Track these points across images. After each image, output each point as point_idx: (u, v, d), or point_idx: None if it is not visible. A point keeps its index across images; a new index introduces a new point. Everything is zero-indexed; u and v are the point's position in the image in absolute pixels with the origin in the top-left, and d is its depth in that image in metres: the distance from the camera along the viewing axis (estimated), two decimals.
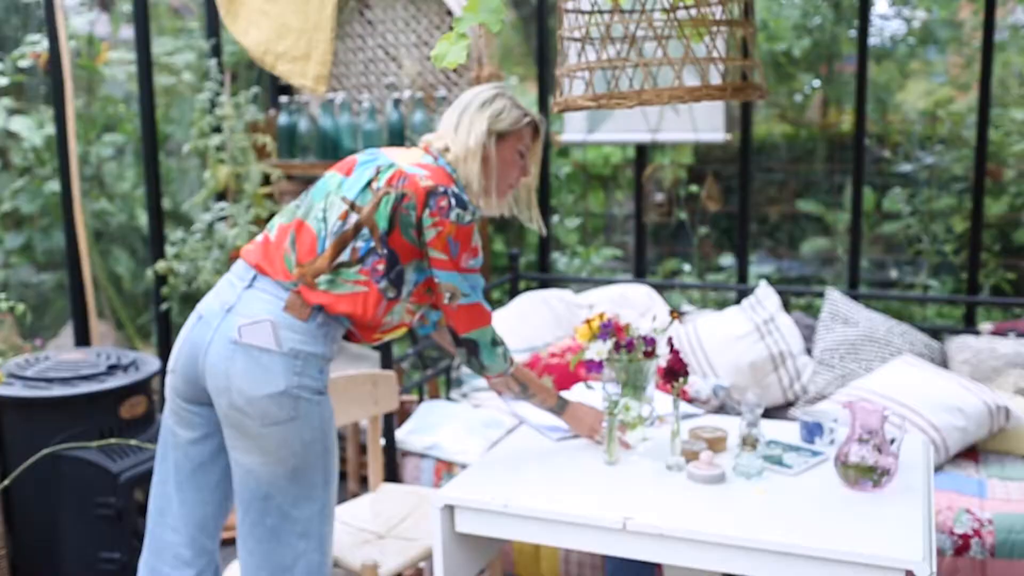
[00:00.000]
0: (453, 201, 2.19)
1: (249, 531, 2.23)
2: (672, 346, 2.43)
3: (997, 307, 4.54)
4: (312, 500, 2.24)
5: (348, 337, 2.31)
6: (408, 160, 2.26)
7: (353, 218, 2.18)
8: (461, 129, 2.30)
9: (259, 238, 2.30)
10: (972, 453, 3.29)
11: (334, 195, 2.22)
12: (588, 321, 2.44)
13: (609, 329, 2.41)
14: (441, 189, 2.19)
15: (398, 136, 4.13)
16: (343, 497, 3.43)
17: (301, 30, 4.13)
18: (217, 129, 4.08)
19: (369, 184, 2.20)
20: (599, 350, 2.40)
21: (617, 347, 2.39)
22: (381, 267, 2.19)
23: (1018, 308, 4.28)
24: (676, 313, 2.47)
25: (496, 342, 2.34)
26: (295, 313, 2.17)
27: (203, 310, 2.24)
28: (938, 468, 3.14)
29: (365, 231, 2.18)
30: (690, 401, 3.41)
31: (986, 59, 3.79)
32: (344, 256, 2.18)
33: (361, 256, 2.18)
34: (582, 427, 2.50)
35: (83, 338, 3.90)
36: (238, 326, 2.15)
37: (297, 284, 2.18)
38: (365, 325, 2.24)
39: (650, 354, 2.41)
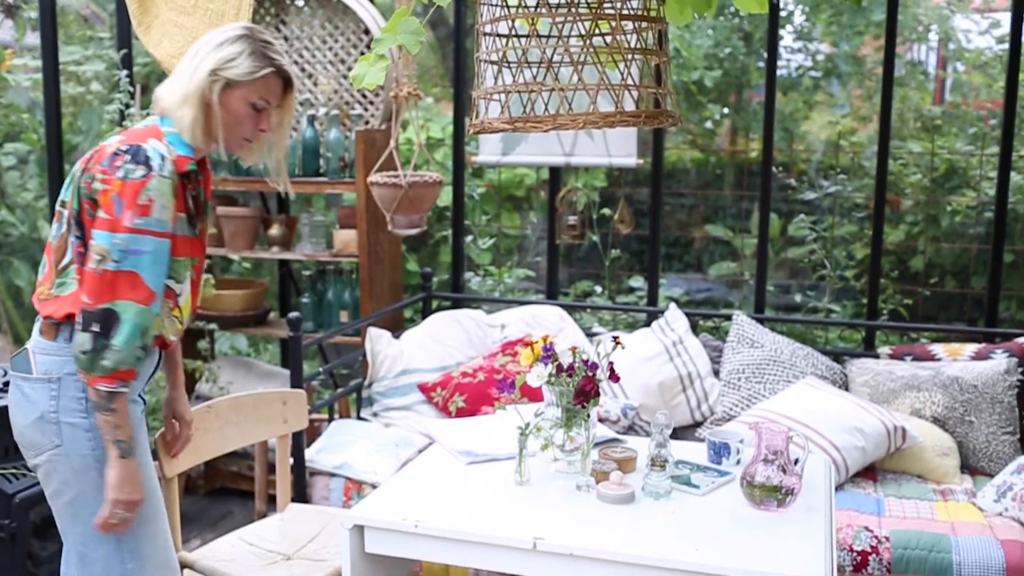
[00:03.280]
0: (128, 158, 2.01)
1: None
2: (594, 367, 2.42)
3: (895, 331, 4.70)
4: (104, 540, 2.13)
5: None
6: (125, 132, 2.15)
7: (65, 215, 2.10)
8: (187, 71, 2.11)
9: None
10: (871, 472, 3.39)
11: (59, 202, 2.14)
12: (531, 344, 2.42)
13: (551, 353, 2.39)
14: (124, 148, 2.03)
15: (313, 153, 4.10)
16: (250, 518, 3.37)
17: None
18: None
19: (74, 176, 2.10)
20: (540, 374, 2.37)
21: (559, 371, 2.38)
22: (82, 250, 2.07)
23: (914, 333, 4.44)
24: (618, 339, 2.47)
25: (145, 332, 2.03)
26: (46, 335, 2.10)
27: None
28: (838, 487, 3.23)
29: (75, 225, 2.08)
30: (600, 421, 3.45)
31: (886, 93, 3.94)
32: (67, 259, 2.10)
33: (78, 251, 2.09)
34: (115, 488, 2.08)
35: None
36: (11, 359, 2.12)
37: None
38: None
39: (590, 383, 2.36)
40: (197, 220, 2.24)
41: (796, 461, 2.26)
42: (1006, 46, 4.15)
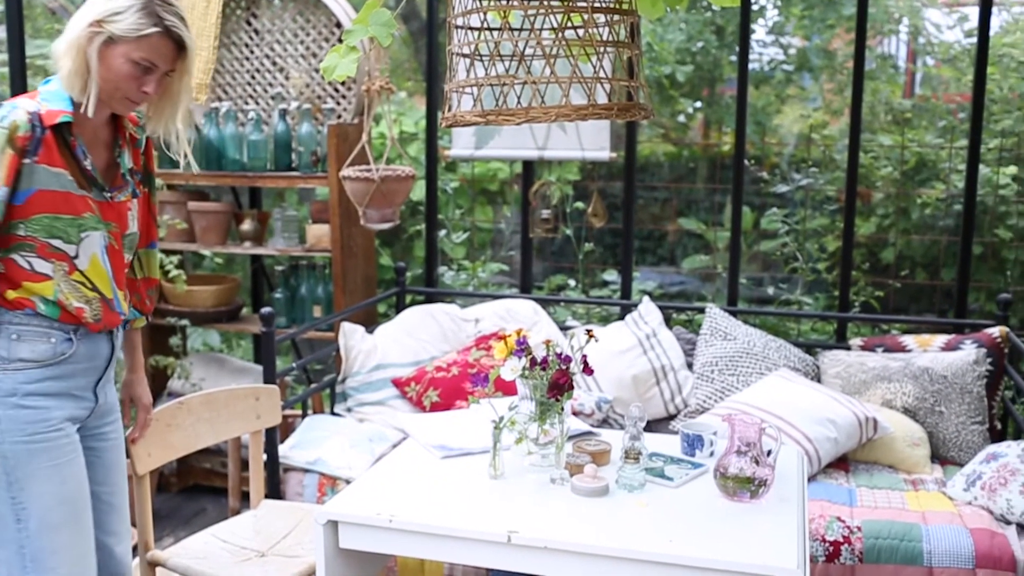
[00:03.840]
0: None
1: None
2: (568, 360, 2.42)
3: (866, 323, 4.74)
4: (4, 541, 2.07)
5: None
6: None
7: None
8: (74, 20, 2.04)
9: None
10: (843, 463, 3.42)
11: None
12: (504, 338, 2.41)
13: (524, 346, 2.38)
14: None
15: (284, 147, 4.07)
16: (223, 515, 3.34)
17: None
18: None
19: None
20: (513, 367, 2.37)
21: (532, 364, 2.37)
22: None
23: (885, 324, 4.48)
24: (592, 332, 2.46)
25: None
26: None
27: None
28: (811, 478, 3.26)
29: None
30: (575, 414, 3.46)
31: (857, 87, 3.96)
32: None
33: None
34: None
35: None
36: None
37: None
38: None
39: (564, 377, 2.35)
40: (109, 183, 2.18)
41: (769, 452, 2.27)
42: (974, 40, 4.19)
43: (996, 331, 3.66)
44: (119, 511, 2.35)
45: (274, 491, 3.34)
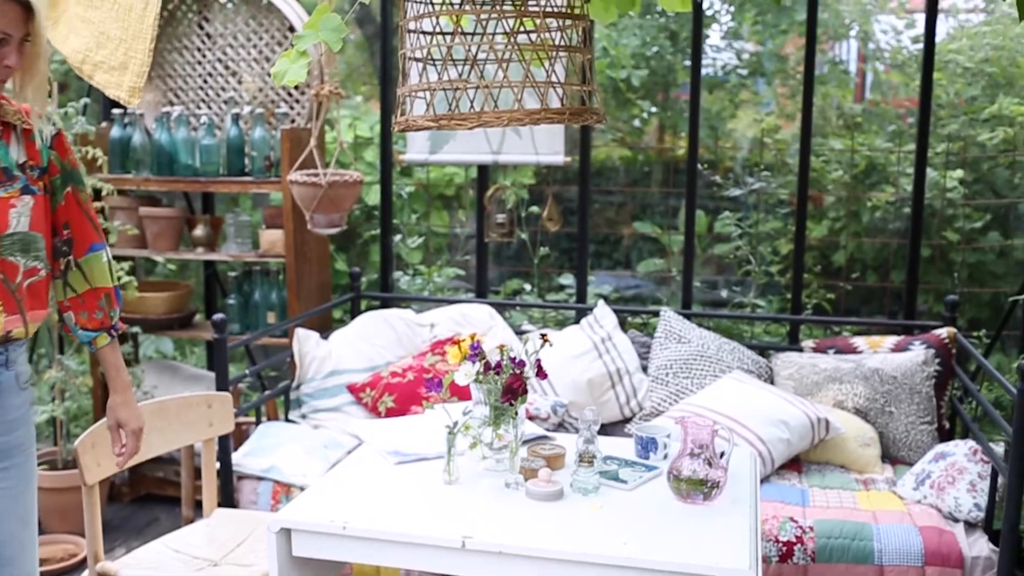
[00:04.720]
0: None
1: None
2: (521, 364, 2.42)
3: (818, 325, 4.80)
4: None
5: None
6: None
7: None
8: None
9: None
10: (795, 464, 3.46)
11: None
12: (458, 342, 2.40)
13: (478, 351, 2.37)
14: None
15: (237, 152, 4.03)
16: (177, 525, 3.29)
17: (120, 39, 3.98)
18: None
19: None
20: (467, 372, 2.36)
21: (486, 369, 2.37)
22: None
23: (837, 326, 4.54)
24: (546, 337, 2.47)
25: None
26: None
27: None
28: (764, 479, 3.29)
29: None
30: (531, 418, 3.46)
31: (807, 91, 4.01)
32: None
33: None
34: None
35: None
36: None
37: None
38: None
39: (518, 381, 2.34)
40: None
41: (722, 454, 2.29)
42: (922, 46, 4.25)
43: (944, 332, 3.72)
44: (11, 563, 2.13)
45: (228, 499, 3.31)
